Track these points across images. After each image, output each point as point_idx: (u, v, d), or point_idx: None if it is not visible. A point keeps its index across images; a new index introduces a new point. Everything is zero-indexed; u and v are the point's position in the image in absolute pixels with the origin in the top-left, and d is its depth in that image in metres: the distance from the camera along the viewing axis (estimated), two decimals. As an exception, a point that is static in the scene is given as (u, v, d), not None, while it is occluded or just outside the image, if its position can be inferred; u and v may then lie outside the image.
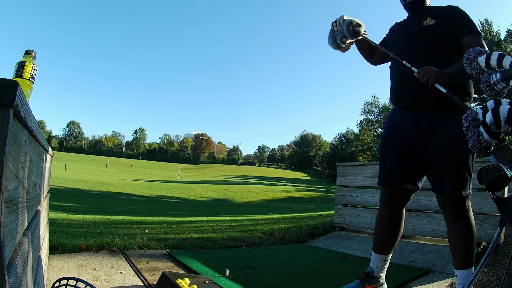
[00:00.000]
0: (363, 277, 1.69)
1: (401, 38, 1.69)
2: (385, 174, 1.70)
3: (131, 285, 1.69)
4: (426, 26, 1.59)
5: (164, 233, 3.54)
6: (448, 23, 1.55)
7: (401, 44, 1.67)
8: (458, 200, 1.50)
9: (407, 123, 1.60)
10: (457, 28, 1.54)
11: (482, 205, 2.61)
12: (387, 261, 1.72)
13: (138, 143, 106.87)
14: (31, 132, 0.71)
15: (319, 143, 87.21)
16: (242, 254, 2.56)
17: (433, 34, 1.56)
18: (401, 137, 1.63)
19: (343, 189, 3.74)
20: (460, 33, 1.53)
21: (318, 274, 2.10)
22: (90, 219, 5.78)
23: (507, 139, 14.43)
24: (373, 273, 1.69)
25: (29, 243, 0.78)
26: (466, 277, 1.48)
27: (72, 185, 19.33)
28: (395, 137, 1.66)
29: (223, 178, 41.88)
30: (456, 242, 1.50)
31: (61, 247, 2.21)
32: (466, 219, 1.51)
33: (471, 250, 1.49)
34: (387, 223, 1.69)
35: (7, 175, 0.47)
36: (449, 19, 1.56)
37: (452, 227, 1.53)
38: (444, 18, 1.57)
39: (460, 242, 1.49)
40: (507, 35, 25.64)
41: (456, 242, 1.51)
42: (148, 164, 79.64)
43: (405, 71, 1.58)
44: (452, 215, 1.52)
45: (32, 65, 1.03)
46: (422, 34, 1.59)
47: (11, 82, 0.47)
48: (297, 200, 20.92)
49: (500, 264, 2.08)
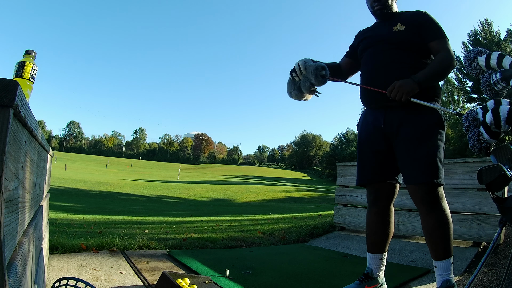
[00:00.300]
0: (362, 278, 1.69)
1: (371, 45, 1.69)
2: (366, 173, 1.71)
3: (131, 285, 1.69)
4: (397, 32, 1.61)
5: (164, 233, 3.54)
6: (416, 27, 1.58)
7: (372, 50, 1.67)
8: (431, 189, 1.50)
9: (379, 120, 1.62)
10: (425, 33, 1.57)
11: (482, 205, 2.61)
12: (383, 259, 1.72)
13: (138, 143, 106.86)
14: (31, 132, 0.71)
15: (319, 143, 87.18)
16: (242, 254, 2.56)
17: (404, 40, 1.58)
18: (375, 135, 1.65)
19: (343, 189, 3.74)
20: (428, 38, 1.57)
21: (318, 274, 2.10)
22: (90, 219, 5.78)
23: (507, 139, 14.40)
24: (372, 274, 1.70)
25: (29, 243, 0.78)
26: (447, 267, 1.47)
27: (72, 185, 19.32)
28: (370, 136, 1.68)
29: (223, 178, 41.87)
30: (434, 233, 1.49)
31: (61, 247, 2.21)
32: (441, 209, 1.50)
33: (449, 240, 1.49)
34: (378, 221, 1.71)
35: (7, 175, 0.47)
36: (417, 24, 1.59)
37: (426, 218, 1.51)
38: (413, 23, 1.60)
39: (438, 232, 1.49)
40: (507, 35, 25.60)
41: (433, 233, 1.50)
42: (148, 164, 79.63)
43: (374, 76, 1.61)
44: (425, 205, 1.51)
45: (32, 65, 1.03)
46: (394, 40, 1.60)
47: (11, 82, 0.47)
48: (297, 200, 20.92)
49: (500, 264, 2.08)
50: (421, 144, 1.51)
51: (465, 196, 2.74)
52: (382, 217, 1.71)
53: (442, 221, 1.49)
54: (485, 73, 1.27)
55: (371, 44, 1.69)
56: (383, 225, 1.71)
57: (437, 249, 1.49)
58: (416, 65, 1.56)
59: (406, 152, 1.55)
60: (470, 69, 1.34)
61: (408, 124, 1.55)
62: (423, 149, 1.51)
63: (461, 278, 1.98)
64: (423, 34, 1.58)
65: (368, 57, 1.69)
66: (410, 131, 1.54)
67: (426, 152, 1.50)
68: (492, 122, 1.14)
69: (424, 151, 1.50)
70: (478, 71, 1.30)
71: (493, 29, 26.75)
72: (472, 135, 1.19)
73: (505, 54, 1.24)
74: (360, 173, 1.74)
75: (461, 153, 23.99)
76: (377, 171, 1.67)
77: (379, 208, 1.71)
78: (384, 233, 1.70)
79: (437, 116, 1.56)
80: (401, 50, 1.58)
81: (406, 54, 1.58)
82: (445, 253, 1.48)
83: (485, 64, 1.26)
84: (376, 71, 1.63)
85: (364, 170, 1.72)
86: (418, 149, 1.51)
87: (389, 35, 1.62)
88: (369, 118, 1.69)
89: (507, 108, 1.13)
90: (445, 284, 1.45)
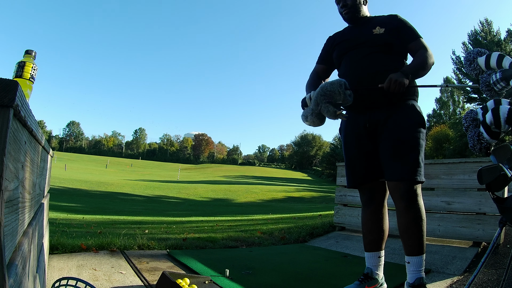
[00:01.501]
0: (362, 278, 1.70)
1: (351, 48, 1.70)
2: (357, 175, 1.73)
3: (131, 285, 1.69)
4: (378, 35, 1.64)
5: (164, 233, 3.54)
6: (395, 31, 1.65)
7: (353, 53, 1.69)
8: (412, 186, 1.53)
9: (364, 121, 1.65)
10: (403, 36, 1.65)
11: (482, 205, 2.61)
12: (381, 258, 1.74)
13: (138, 143, 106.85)
14: (31, 132, 0.71)
15: (319, 143, 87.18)
16: (242, 254, 2.56)
17: (386, 42, 1.63)
18: (361, 136, 1.68)
19: (343, 189, 3.74)
20: (406, 41, 1.65)
21: (318, 274, 2.10)
22: (90, 219, 5.78)
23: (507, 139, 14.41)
24: (372, 274, 1.71)
25: (29, 243, 0.78)
26: (420, 263, 1.51)
27: (72, 185, 19.32)
28: (356, 138, 1.70)
29: (223, 178, 41.87)
30: (410, 229, 1.53)
31: (61, 247, 2.21)
32: (418, 206, 1.54)
33: (424, 237, 1.54)
34: (373, 220, 1.73)
35: (7, 175, 0.47)
36: (395, 28, 1.65)
37: (404, 214, 1.55)
38: (391, 27, 1.66)
39: (414, 229, 1.53)
40: (507, 35, 25.61)
41: (410, 228, 1.53)
42: (148, 164, 79.61)
43: (359, 80, 1.61)
44: (404, 201, 1.54)
45: (32, 65, 1.03)
46: (376, 42, 1.64)
47: (11, 82, 0.47)
48: (297, 200, 20.91)
49: (500, 264, 2.08)
50: (403, 143, 1.55)
51: (465, 196, 2.74)
52: (377, 215, 1.73)
53: (420, 217, 1.53)
54: (484, 74, 1.27)
55: (351, 47, 1.70)
56: (379, 223, 1.73)
57: (412, 245, 1.53)
58: (397, 66, 1.61)
59: (389, 149, 1.58)
60: (470, 70, 1.34)
61: (391, 123, 1.59)
62: (405, 147, 1.55)
63: (461, 278, 1.98)
64: (401, 37, 1.65)
65: (349, 60, 1.70)
66: (393, 130, 1.58)
67: (408, 150, 1.54)
68: (492, 122, 1.14)
69: (406, 149, 1.54)
70: (477, 72, 1.30)
71: (493, 29, 26.78)
72: (472, 135, 1.19)
73: (505, 55, 1.23)
74: (351, 175, 1.77)
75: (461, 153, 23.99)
76: (367, 171, 1.70)
77: (373, 207, 1.73)
78: (380, 231, 1.73)
79: (418, 116, 1.61)
80: (383, 53, 1.63)
81: (388, 57, 1.63)
82: (420, 249, 1.52)
83: (485, 64, 1.26)
84: (360, 75, 1.63)
85: (355, 172, 1.74)
86: (401, 147, 1.55)
87: (370, 38, 1.65)
88: (353, 121, 1.71)
89: (507, 108, 1.13)
90: (418, 281, 1.50)
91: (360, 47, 1.67)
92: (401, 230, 1.57)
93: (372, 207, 1.74)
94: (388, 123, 1.60)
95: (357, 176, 1.74)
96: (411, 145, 1.55)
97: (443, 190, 2.91)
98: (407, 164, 1.53)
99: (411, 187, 1.53)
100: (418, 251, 1.52)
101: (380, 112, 1.62)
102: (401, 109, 1.60)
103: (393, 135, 1.57)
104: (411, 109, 1.62)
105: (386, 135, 1.59)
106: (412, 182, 1.53)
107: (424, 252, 1.54)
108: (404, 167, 1.53)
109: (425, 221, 1.56)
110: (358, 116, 1.68)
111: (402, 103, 1.62)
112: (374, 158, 1.67)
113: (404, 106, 1.62)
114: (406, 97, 1.62)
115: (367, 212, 1.75)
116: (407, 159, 1.53)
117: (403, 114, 1.59)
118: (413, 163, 1.53)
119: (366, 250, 1.76)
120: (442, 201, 2.88)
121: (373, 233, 1.73)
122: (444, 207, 2.86)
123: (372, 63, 1.62)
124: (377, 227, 1.73)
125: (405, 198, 1.53)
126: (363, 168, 1.71)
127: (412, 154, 1.54)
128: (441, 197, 2.89)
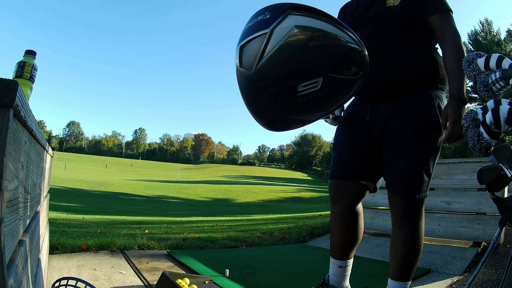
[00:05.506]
0: (320, 284, 1.46)
1: (358, 22, 1.37)
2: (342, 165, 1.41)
3: (131, 285, 1.69)
4: (391, 7, 1.30)
5: (164, 233, 3.54)
6: (415, 0, 1.28)
7: (361, 31, 1.32)
8: (410, 203, 1.27)
9: (366, 112, 1.35)
10: (424, 5, 1.27)
11: (482, 205, 2.61)
12: (345, 269, 1.42)
13: (138, 143, 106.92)
14: (31, 132, 0.71)
15: (319, 143, 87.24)
16: (242, 254, 2.56)
17: (401, 16, 1.28)
18: (359, 126, 1.39)
19: (343, 189, 3.73)
20: (428, 11, 1.27)
21: (318, 274, 2.09)
22: (90, 219, 5.77)
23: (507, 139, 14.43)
24: (329, 281, 1.44)
25: (29, 243, 0.78)
26: None
27: (72, 185, 19.32)
28: (354, 125, 1.42)
29: (223, 178, 41.86)
30: (395, 248, 1.29)
31: (61, 247, 2.21)
32: (413, 225, 1.27)
33: (409, 262, 1.26)
34: (337, 223, 1.41)
35: (7, 175, 0.47)
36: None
37: (396, 229, 1.30)
38: None
39: (399, 248, 1.27)
40: (507, 35, 25.63)
41: (395, 247, 1.29)
42: (148, 164, 79.65)
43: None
44: (399, 217, 1.29)
45: (32, 65, 1.03)
46: (387, 17, 1.30)
47: (11, 82, 0.47)
48: (297, 200, 20.92)
49: (500, 264, 2.08)
50: (409, 149, 1.24)
51: (465, 196, 2.74)
52: (343, 218, 1.40)
53: (409, 238, 1.27)
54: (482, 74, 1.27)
55: (359, 23, 1.37)
56: (344, 228, 1.40)
57: (393, 266, 1.29)
58: (417, 48, 1.30)
59: (390, 156, 1.29)
60: (469, 71, 1.34)
61: (399, 119, 1.27)
62: (410, 156, 1.24)
63: (461, 278, 1.98)
64: (422, 6, 1.27)
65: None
66: (399, 129, 1.26)
67: (414, 160, 1.24)
68: (492, 122, 1.14)
69: (411, 159, 1.24)
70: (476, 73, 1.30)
71: (493, 29, 26.79)
72: (472, 135, 1.19)
73: (505, 57, 1.23)
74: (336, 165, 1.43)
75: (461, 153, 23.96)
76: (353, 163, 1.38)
77: (340, 207, 1.40)
78: (344, 238, 1.40)
79: (432, 116, 1.26)
80: (397, 30, 1.29)
81: (403, 35, 1.29)
82: (400, 274, 1.27)
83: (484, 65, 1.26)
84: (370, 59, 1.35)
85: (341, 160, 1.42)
86: (405, 154, 1.24)
87: (382, 12, 1.31)
88: (354, 108, 1.43)
89: (507, 108, 1.13)
90: None
91: (369, 23, 1.34)
92: (392, 248, 1.32)
93: (338, 207, 1.40)
94: (394, 120, 1.28)
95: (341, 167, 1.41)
96: (417, 155, 1.24)
97: (443, 190, 2.91)
98: (408, 179, 1.25)
99: (408, 205, 1.26)
100: (397, 276, 1.27)
101: (387, 103, 1.29)
102: (411, 103, 1.26)
103: (398, 138, 1.26)
104: (426, 104, 1.26)
105: (389, 135, 1.29)
106: (411, 201, 1.26)
107: (409, 280, 1.28)
108: (404, 183, 1.25)
109: (420, 246, 1.28)
110: (361, 103, 1.39)
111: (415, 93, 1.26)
112: (366, 151, 1.36)
113: (418, 98, 1.26)
114: (423, 83, 1.26)
115: (333, 212, 1.43)
116: (409, 174, 1.25)
117: (416, 111, 1.25)
118: (416, 177, 1.24)
119: (330, 254, 1.47)
120: (442, 201, 2.88)
121: (336, 238, 1.42)
122: (444, 207, 2.86)
123: (383, 43, 1.28)
124: (340, 232, 1.40)
125: (399, 214, 1.29)
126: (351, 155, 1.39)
127: (417, 168, 1.24)
128: (441, 197, 2.89)
